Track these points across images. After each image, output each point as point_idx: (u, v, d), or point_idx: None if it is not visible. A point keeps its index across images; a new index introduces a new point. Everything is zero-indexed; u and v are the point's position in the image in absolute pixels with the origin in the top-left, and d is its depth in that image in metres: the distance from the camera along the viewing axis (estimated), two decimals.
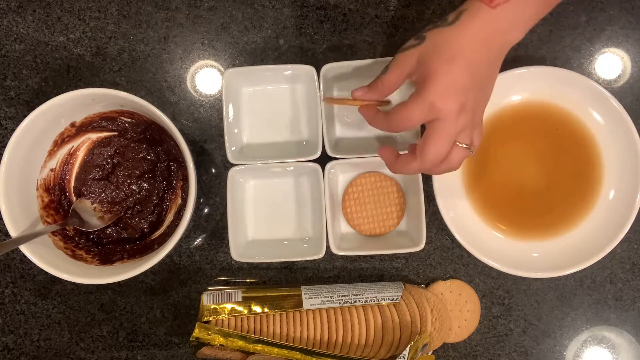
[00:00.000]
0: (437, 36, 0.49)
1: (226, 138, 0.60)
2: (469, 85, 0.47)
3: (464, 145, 0.49)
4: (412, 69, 0.50)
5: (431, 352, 0.63)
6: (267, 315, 0.59)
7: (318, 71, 0.60)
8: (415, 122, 0.49)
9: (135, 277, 0.56)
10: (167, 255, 0.56)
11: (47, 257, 0.56)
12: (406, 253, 0.65)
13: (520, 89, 0.63)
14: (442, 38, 0.48)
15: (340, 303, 0.59)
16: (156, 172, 0.64)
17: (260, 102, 0.65)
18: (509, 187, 0.64)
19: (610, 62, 0.65)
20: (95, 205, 0.63)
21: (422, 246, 0.60)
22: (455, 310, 0.64)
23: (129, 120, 0.63)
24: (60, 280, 0.57)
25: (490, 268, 0.62)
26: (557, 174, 0.63)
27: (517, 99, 0.63)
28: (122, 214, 0.64)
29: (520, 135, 0.64)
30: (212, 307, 0.59)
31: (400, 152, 0.53)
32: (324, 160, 0.61)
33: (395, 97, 0.62)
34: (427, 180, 0.63)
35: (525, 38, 0.64)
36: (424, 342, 0.59)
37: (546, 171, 0.63)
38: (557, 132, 0.63)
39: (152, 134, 0.63)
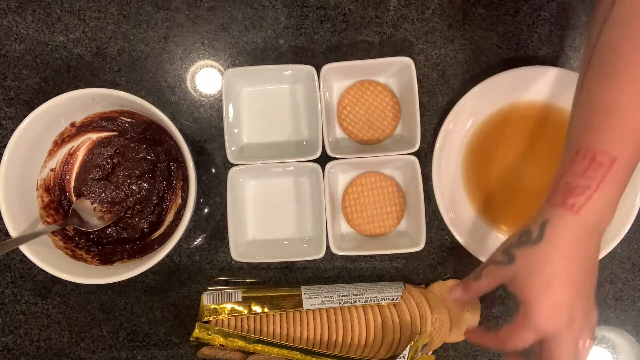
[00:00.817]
0: (527, 258, 0.47)
1: (226, 138, 0.60)
2: (572, 301, 0.45)
3: (587, 343, 0.47)
4: (505, 283, 0.49)
5: (431, 352, 0.63)
6: (267, 315, 0.59)
7: (318, 71, 0.60)
8: (526, 345, 0.47)
9: (135, 277, 0.56)
10: (167, 255, 0.56)
11: (47, 257, 0.56)
12: (406, 253, 0.65)
13: (520, 89, 0.63)
14: (533, 262, 0.46)
15: (340, 303, 0.59)
16: (156, 172, 0.64)
17: (260, 102, 0.65)
18: (509, 187, 0.64)
19: None
20: (95, 205, 0.63)
21: (422, 246, 0.60)
22: (455, 310, 0.64)
23: (129, 120, 0.63)
24: (60, 280, 0.57)
25: None
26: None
27: (517, 99, 0.63)
28: (122, 214, 0.64)
29: (521, 135, 0.64)
30: (212, 307, 0.59)
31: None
32: (324, 160, 0.61)
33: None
34: (427, 181, 0.63)
35: (525, 38, 0.65)
36: (424, 342, 0.59)
37: (546, 171, 0.63)
38: (556, 132, 0.63)
39: (152, 134, 0.63)
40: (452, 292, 0.54)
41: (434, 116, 0.65)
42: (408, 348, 0.56)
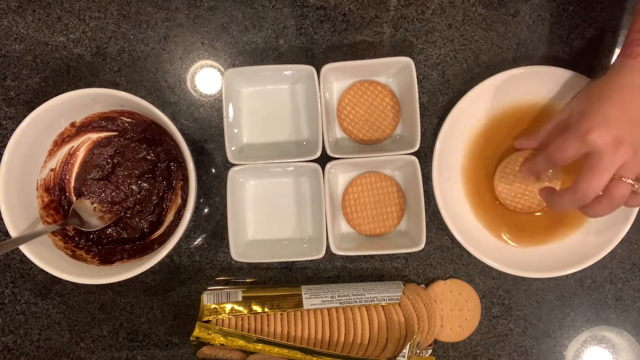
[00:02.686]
0: (589, 86, 0.56)
1: (226, 138, 0.60)
2: (621, 121, 0.49)
3: (628, 180, 0.49)
4: (568, 116, 0.54)
5: (431, 351, 0.63)
6: (267, 315, 0.59)
7: (318, 71, 0.60)
8: (570, 154, 0.51)
9: (135, 277, 0.56)
10: (167, 255, 0.57)
11: (47, 257, 0.56)
12: (406, 253, 0.65)
13: (520, 89, 0.62)
14: (593, 86, 0.55)
15: (340, 303, 0.59)
16: (156, 172, 0.64)
17: (260, 102, 0.65)
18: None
19: (610, 62, 0.65)
20: (95, 205, 0.63)
21: (422, 246, 0.60)
22: (455, 309, 0.64)
23: (129, 120, 0.63)
24: (60, 280, 0.57)
25: (490, 268, 0.62)
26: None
27: (516, 99, 0.63)
28: (122, 214, 0.64)
29: (520, 135, 0.64)
30: (212, 306, 0.59)
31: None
32: (324, 160, 0.61)
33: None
34: (427, 181, 0.63)
35: (525, 38, 0.65)
36: (417, 340, 0.59)
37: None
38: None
39: (152, 134, 0.63)
40: (519, 142, 0.61)
41: (434, 116, 0.65)
42: (408, 346, 0.56)
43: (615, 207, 0.51)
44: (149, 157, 0.64)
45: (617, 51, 0.65)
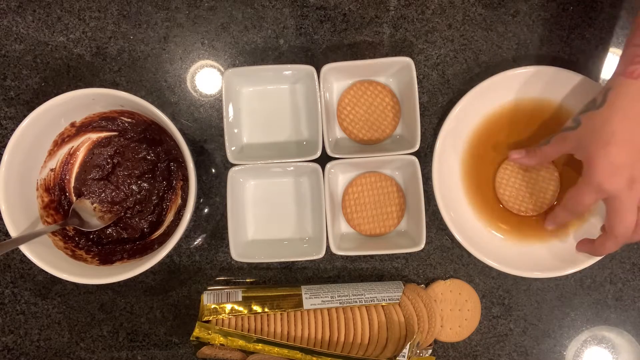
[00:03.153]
0: (590, 121, 0.51)
1: (226, 138, 0.60)
2: (630, 161, 0.49)
3: None
4: (571, 149, 0.54)
5: (431, 351, 0.63)
6: (268, 315, 0.59)
7: (318, 71, 0.60)
8: (588, 204, 0.52)
9: (135, 277, 0.56)
10: (167, 255, 0.57)
11: (47, 257, 0.56)
12: (406, 253, 0.65)
13: (520, 89, 0.62)
14: (595, 122, 0.50)
15: (340, 303, 0.59)
16: (156, 172, 0.64)
17: (260, 102, 0.65)
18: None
19: (610, 62, 0.65)
20: (95, 205, 0.63)
21: (422, 246, 0.60)
22: (455, 309, 0.64)
23: (129, 120, 0.63)
24: (60, 280, 0.57)
25: (490, 268, 0.62)
26: (563, 182, 0.63)
27: (517, 99, 0.63)
28: (122, 214, 0.64)
29: (520, 135, 0.64)
30: (212, 306, 0.59)
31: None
32: (324, 160, 0.61)
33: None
34: (427, 181, 0.63)
35: (525, 38, 0.65)
36: (417, 340, 0.59)
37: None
38: (556, 132, 0.63)
39: (152, 134, 0.63)
40: (515, 153, 0.59)
41: (434, 116, 0.65)
42: (408, 346, 0.56)
43: None
44: (149, 157, 0.64)
45: (617, 51, 0.65)
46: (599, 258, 0.60)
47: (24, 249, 0.55)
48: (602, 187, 0.50)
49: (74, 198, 0.64)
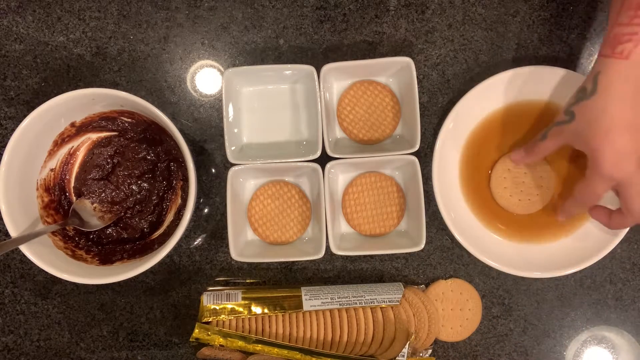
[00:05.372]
0: (585, 112, 0.49)
1: (226, 138, 0.60)
2: (635, 144, 0.48)
3: None
4: (569, 141, 0.52)
5: (431, 352, 0.63)
6: (268, 316, 0.59)
7: (318, 71, 0.60)
8: (600, 194, 0.51)
9: (135, 277, 0.56)
10: (167, 255, 0.57)
11: (47, 257, 0.56)
12: (406, 253, 0.65)
13: (520, 89, 0.62)
14: (591, 114, 0.48)
15: (340, 305, 0.59)
16: (156, 172, 0.64)
17: (260, 102, 0.65)
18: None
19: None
20: (95, 205, 0.63)
21: (422, 246, 0.60)
22: (456, 309, 0.64)
23: (129, 120, 0.63)
24: (60, 280, 0.57)
25: (490, 268, 0.62)
26: (557, 173, 0.63)
27: (516, 99, 0.63)
28: (122, 214, 0.64)
29: (520, 135, 0.64)
30: (212, 307, 0.59)
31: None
32: (324, 160, 0.61)
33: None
34: (427, 181, 0.63)
35: (525, 38, 0.65)
36: (417, 341, 0.59)
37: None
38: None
39: (152, 134, 0.63)
40: (514, 154, 0.58)
41: (434, 116, 0.65)
42: (407, 346, 0.56)
43: None
44: (149, 157, 0.64)
45: None
46: (600, 257, 0.60)
47: (24, 249, 0.55)
48: (612, 176, 0.49)
49: (74, 198, 0.64)
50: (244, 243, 0.63)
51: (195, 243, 0.65)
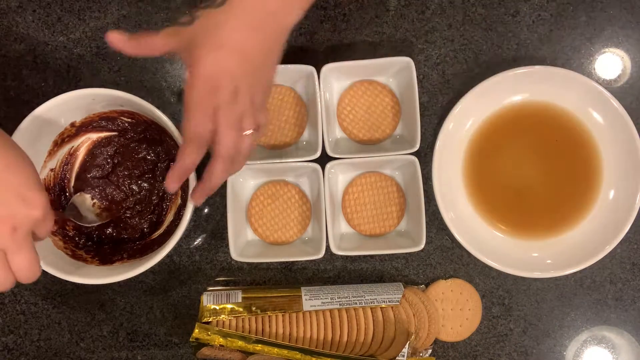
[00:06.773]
0: (207, 19, 0.45)
1: None
2: (239, 73, 0.44)
3: (250, 132, 0.47)
4: (180, 47, 0.47)
5: (431, 351, 0.63)
6: (269, 315, 0.59)
7: (318, 71, 0.60)
8: (202, 132, 0.45)
9: (135, 277, 0.56)
10: (167, 255, 0.56)
11: (47, 257, 0.56)
12: (406, 253, 0.65)
13: (520, 89, 0.63)
14: (211, 22, 0.45)
15: (340, 305, 0.59)
16: (156, 172, 0.64)
17: None
18: (509, 187, 0.64)
19: (610, 62, 0.65)
20: (94, 201, 0.63)
21: (422, 246, 0.60)
22: (456, 309, 0.64)
23: (129, 120, 0.63)
24: (60, 280, 0.57)
25: (490, 268, 0.61)
26: (557, 173, 0.63)
27: (517, 99, 0.63)
28: (120, 213, 0.64)
29: (520, 135, 0.64)
30: (212, 307, 0.59)
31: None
32: (324, 160, 0.61)
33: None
34: (427, 181, 0.63)
35: (525, 38, 0.65)
36: (417, 341, 0.59)
37: (546, 171, 0.63)
38: (556, 132, 0.63)
39: (152, 134, 0.63)
40: (114, 34, 0.49)
41: (434, 116, 0.65)
42: (407, 346, 0.56)
43: (246, 159, 0.49)
44: (149, 157, 0.64)
45: (617, 51, 0.65)
46: (600, 257, 0.60)
47: None
48: (207, 94, 0.44)
49: None
50: (244, 243, 0.63)
51: (195, 243, 0.65)
